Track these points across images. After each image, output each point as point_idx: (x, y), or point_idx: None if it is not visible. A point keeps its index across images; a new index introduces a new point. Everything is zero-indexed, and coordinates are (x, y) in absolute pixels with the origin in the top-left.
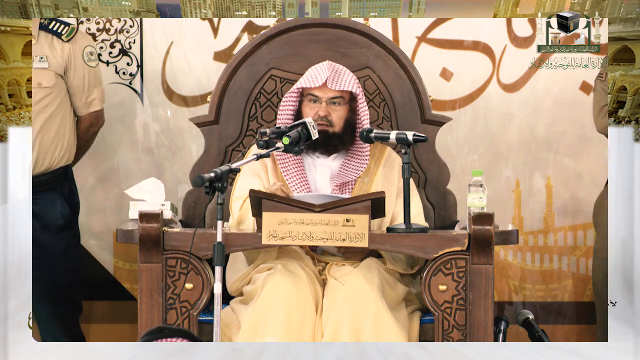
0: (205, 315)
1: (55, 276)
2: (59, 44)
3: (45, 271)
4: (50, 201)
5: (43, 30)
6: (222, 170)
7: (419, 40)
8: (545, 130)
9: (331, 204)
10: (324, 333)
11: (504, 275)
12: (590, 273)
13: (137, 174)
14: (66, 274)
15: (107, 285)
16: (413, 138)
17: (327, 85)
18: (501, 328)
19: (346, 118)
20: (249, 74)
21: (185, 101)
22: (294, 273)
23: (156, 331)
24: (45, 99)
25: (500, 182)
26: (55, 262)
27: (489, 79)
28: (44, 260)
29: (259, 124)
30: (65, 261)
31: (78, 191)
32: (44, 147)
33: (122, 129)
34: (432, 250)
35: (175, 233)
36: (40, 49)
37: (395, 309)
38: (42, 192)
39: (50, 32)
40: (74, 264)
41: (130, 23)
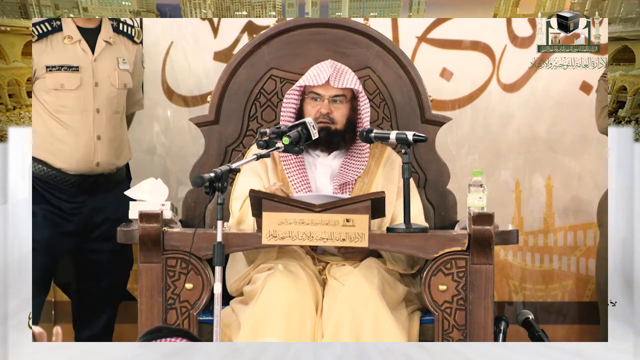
0: (205, 315)
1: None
2: (131, 46)
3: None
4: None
5: (117, 32)
6: (222, 170)
7: (419, 40)
8: (545, 130)
9: (331, 204)
10: (324, 333)
11: (504, 275)
12: (591, 273)
13: (137, 174)
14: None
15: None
16: (413, 138)
17: (329, 83)
18: (501, 328)
19: (348, 116)
20: (249, 74)
21: (185, 101)
22: (294, 273)
23: (155, 331)
24: (124, 99)
25: (500, 182)
26: (127, 255)
27: (489, 79)
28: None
29: (259, 124)
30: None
31: None
32: (123, 145)
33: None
34: (432, 250)
35: (175, 233)
36: (118, 52)
37: (395, 309)
38: (116, 186)
39: (124, 35)
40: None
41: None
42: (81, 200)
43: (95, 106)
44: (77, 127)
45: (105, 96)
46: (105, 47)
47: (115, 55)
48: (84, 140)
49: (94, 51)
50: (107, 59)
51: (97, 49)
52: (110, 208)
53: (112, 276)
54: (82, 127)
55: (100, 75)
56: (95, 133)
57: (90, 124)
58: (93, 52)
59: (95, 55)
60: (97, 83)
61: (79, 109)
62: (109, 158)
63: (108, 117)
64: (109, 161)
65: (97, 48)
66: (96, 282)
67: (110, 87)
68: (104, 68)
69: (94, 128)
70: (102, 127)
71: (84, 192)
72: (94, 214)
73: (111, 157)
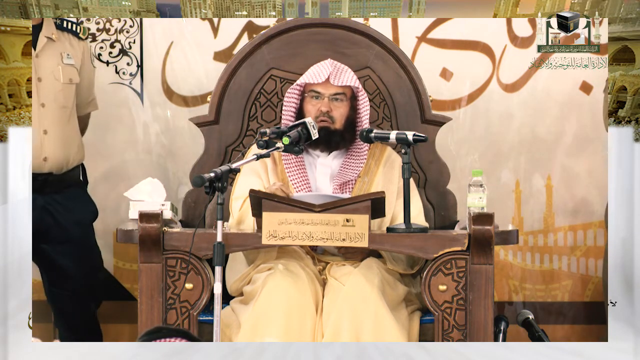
0: (205, 315)
1: (88, 271)
2: (76, 42)
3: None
4: (79, 196)
5: (60, 29)
6: (222, 170)
7: (419, 40)
8: (545, 130)
9: (331, 204)
10: (324, 333)
11: (504, 275)
12: (591, 273)
13: (137, 174)
14: (96, 268)
15: (107, 285)
16: (413, 138)
17: (329, 81)
18: (501, 328)
19: (347, 115)
20: (249, 74)
21: (185, 101)
22: (294, 273)
23: (154, 331)
24: (73, 96)
25: (500, 182)
26: (89, 257)
27: (489, 79)
28: (78, 255)
29: (259, 124)
30: (96, 255)
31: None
32: (71, 142)
33: (122, 129)
34: (432, 250)
35: (175, 233)
36: (62, 47)
37: (395, 309)
38: (67, 188)
39: (67, 31)
40: (99, 258)
41: (130, 23)
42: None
43: (40, 101)
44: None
45: (49, 91)
46: (47, 43)
47: (59, 51)
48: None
49: (36, 47)
50: (50, 54)
51: (38, 44)
52: (61, 209)
53: (79, 278)
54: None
55: (43, 71)
56: (41, 127)
57: (35, 118)
58: (34, 49)
59: (37, 51)
60: (39, 78)
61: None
62: (57, 153)
63: (53, 111)
64: (57, 156)
65: (38, 44)
66: (62, 283)
67: (55, 82)
68: (47, 63)
69: (39, 122)
70: (47, 122)
71: (33, 191)
72: (44, 214)
73: (59, 153)
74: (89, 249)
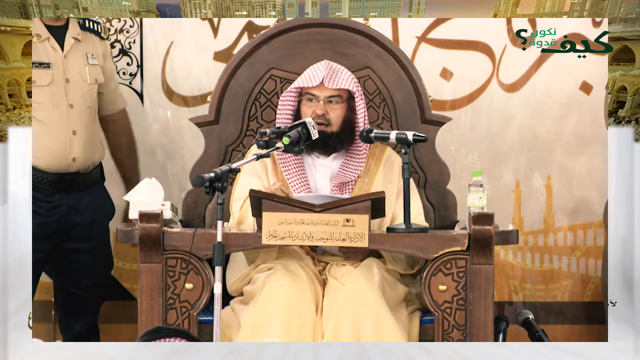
0: (205, 315)
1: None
2: (98, 42)
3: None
4: (102, 193)
5: (83, 29)
6: (222, 170)
7: (419, 40)
8: (545, 130)
9: (331, 204)
10: (324, 333)
11: (504, 275)
12: (591, 273)
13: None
14: (109, 266)
15: (107, 285)
16: (413, 138)
17: (323, 84)
18: (501, 328)
19: (344, 117)
20: (249, 74)
21: (185, 101)
22: (294, 273)
23: (154, 331)
24: (96, 95)
25: (500, 182)
26: (106, 254)
27: (489, 79)
28: (98, 253)
29: (259, 124)
30: (110, 253)
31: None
32: (97, 141)
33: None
34: (432, 250)
35: (175, 233)
36: (87, 47)
37: (395, 309)
38: (93, 186)
39: (90, 31)
40: (112, 256)
41: (130, 23)
42: (58, 199)
43: (69, 102)
44: (52, 123)
45: (77, 92)
46: (74, 44)
47: (84, 51)
48: (60, 135)
49: (63, 48)
50: (77, 55)
51: (66, 45)
52: (86, 208)
53: (93, 276)
54: (57, 122)
55: (71, 72)
56: (70, 128)
57: (64, 119)
58: (62, 49)
59: (65, 52)
60: (68, 79)
61: (52, 105)
62: (85, 153)
63: (81, 112)
64: (86, 156)
65: (65, 45)
66: (77, 282)
67: (82, 83)
68: (74, 64)
69: (68, 123)
70: (76, 123)
71: (60, 191)
72: (71, 213)
73: (87, 153)
74: (107, 246)
